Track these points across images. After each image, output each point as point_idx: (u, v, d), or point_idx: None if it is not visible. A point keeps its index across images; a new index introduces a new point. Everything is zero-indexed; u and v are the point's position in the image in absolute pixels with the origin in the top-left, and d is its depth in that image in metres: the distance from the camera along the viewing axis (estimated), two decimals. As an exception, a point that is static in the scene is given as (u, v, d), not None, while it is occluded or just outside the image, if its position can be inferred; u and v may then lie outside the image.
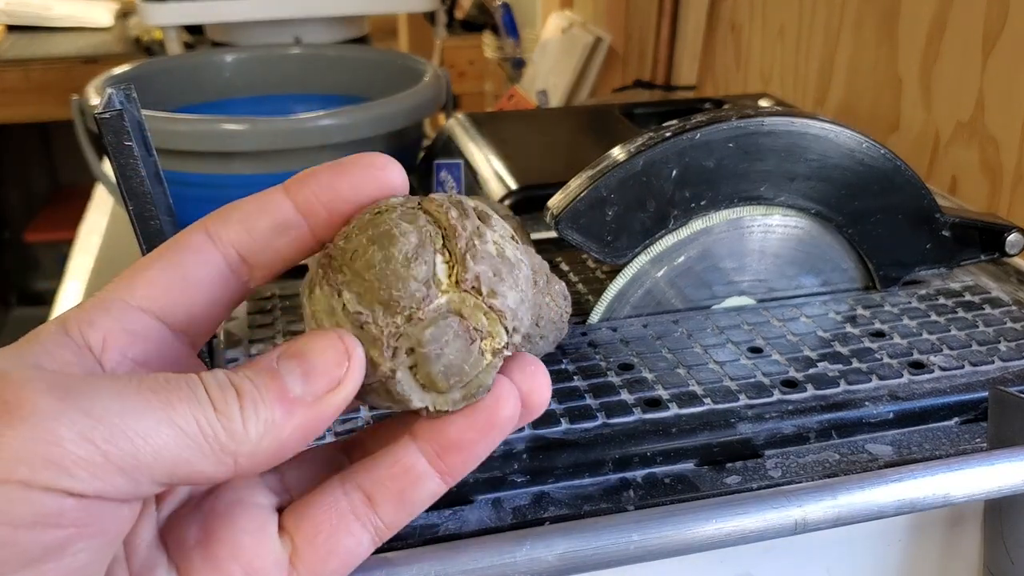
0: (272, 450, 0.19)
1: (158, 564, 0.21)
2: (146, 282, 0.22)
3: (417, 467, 0.21)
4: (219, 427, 0.18)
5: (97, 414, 0.17)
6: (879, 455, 0.34)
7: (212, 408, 0.18)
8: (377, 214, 0.22)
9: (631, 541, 0.27)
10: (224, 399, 0.19)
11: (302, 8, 1.04)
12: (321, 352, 0.20)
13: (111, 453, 0.17)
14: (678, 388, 0.36)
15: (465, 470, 0.22)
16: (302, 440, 0.20)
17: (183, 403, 0.18)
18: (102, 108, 0.29)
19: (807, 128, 0.40)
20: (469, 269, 0.21)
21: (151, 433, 0.17)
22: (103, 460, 0.17)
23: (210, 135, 0.60)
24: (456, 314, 0.21)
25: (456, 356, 0.21)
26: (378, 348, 0.21)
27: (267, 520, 0.22)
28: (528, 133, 0.69)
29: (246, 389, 0.19)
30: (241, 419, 0.19)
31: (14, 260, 2.11)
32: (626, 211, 0.39)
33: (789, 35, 0.84)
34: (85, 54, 1.62)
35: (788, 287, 0.43)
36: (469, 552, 0.26)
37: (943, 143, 0.65)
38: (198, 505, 0.22)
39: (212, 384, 0.19)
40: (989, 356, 0.38)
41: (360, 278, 0.21)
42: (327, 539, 0.21)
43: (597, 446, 0.33)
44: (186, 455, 0.18)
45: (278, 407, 0.19)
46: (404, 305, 0.21)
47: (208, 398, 0.18)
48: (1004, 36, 0.58)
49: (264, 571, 0.21)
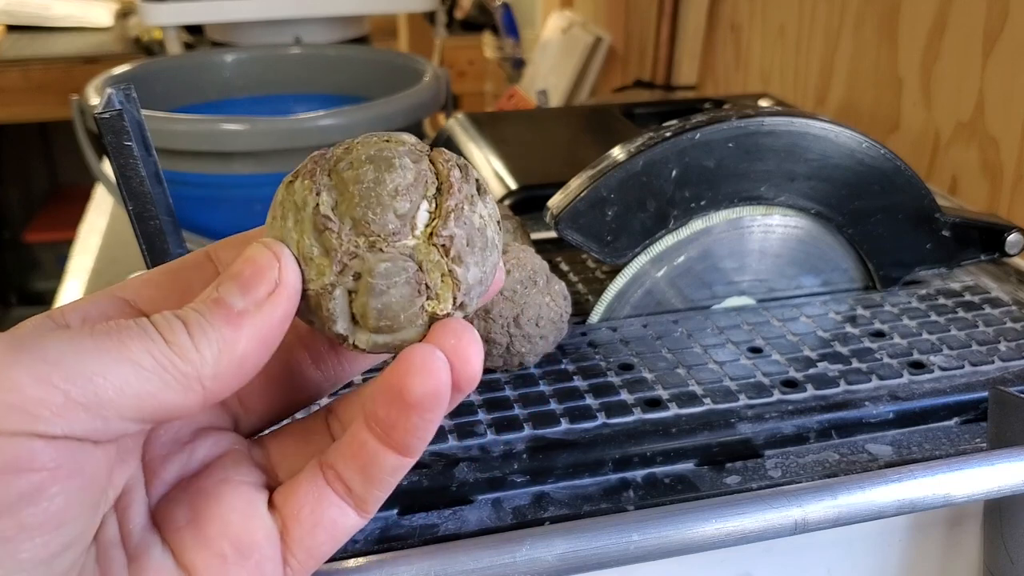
0: (234, 366, 0.20)
1: (152, 545, 0.21)
2: (138, 282, 0.23)
3: (370, 444, 0.21)
4: (173, 356, 0.19)
5: (53, 359, 0.18)
6: (879, 455, 0.34)
7: (163, 340, 0.19)
8: (386, 141, 0.22)
9: (631, 541, 0.27)
10: (172, 329, 0.19)
11: (302, 8, 1.04)
12: (252, 262, 0.20)
13: (71, 392, 0.17)
14: (678, 388, 0.36)
15: (414, 445, 0.21)
16: (260, 348, 0.20)
17: (134, 340, 0.19)
18: (102, 108, 0.29)
19: (807, 128, 0.40)
20: (448, 227, 0.21)
21: (108, 371, 0.18)
22: (64, 399, 0.17)
23: (210, 135, 0.60)
24: (416, 263, 0.21)
25: (397, 300, 0.21)
26: (329, 259, 0.21)
27: (255, 497, 0.22)
28: (528, 133, 0.69)
29: (191, 317, 0.20)
30: (193, 344, 0.19)
31: (14, 260, 2.11)
32: (626, 211, 0.39)
33: (789, 35, 0.84)
34: (85, 54, 1.62)
35: (788, 287, 0.43)
36: (469, 552, 0.26)
37: (943, 143, 0.65)
38: (187, 486, 0.22)
39: (159, 320, 0.19)
40: (989, 356, 0.38)
41: (344, 188, 0.21)
42: (311, 512, 0.22)
43: (597, 446, 0.33)
44: (149, 388, 0.18)
45: (225, 324, 0.20)
46: (373, 230, 0.20)
47: (157, 332, 0.19)
48: (1004, 36, 0.58)
49: (254, 545, 0.21)
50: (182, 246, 0.32)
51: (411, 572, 0.26)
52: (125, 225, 0.72)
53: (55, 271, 2.00)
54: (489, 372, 0.37)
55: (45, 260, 2.08)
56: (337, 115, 0.62)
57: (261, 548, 0.21)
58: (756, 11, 0.90)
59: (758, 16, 0.89)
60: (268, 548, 0.21)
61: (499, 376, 0.36)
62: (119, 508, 0.21)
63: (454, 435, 0.33)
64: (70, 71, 1.57)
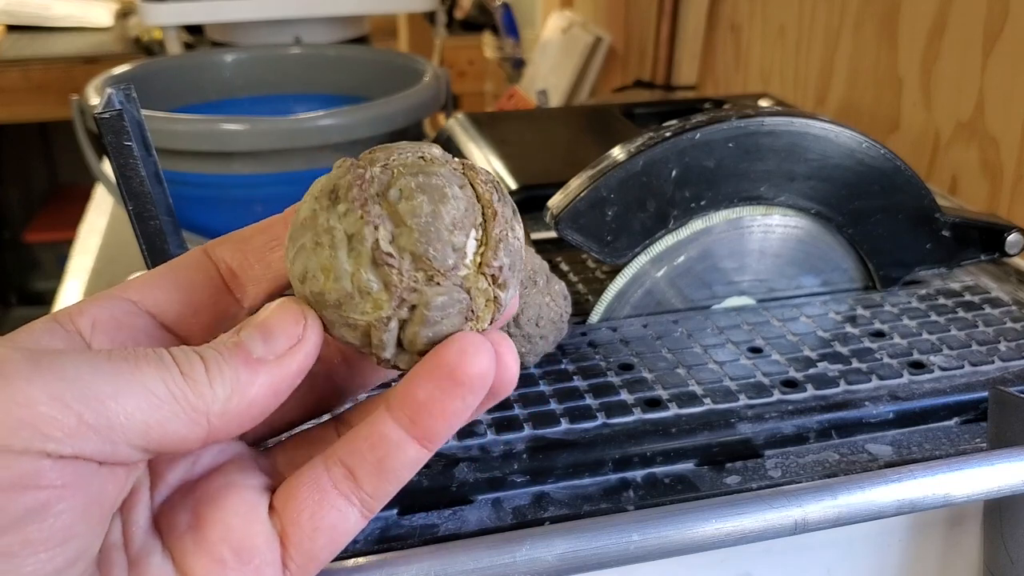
0: (242, 408, 0.20)
1: (153, 550, 0.21)
2: (140, 283, 0.23)
3: (392, 435, 0.21)
4: (187, 388, 0.19)
5: (69, 378, 0.18)
6: (879, 455, 0.34)
7: (179, 371, 0.19)
8: (425, 160, 0.22)
9: (631, 541, 0.27)
10: (189, 363, 0.20)
11: (302, 8, 1.04)
12: (278, 316, 0.21)
13: (84, 414, 0.18)
14: (678, 388, 0.36)
15: (441, 433, 0.21)
16: (270, 396, 0.20)
17: (151, 367, 0.19)
18: (102, 108, 0.29)
19: (807, 128, 0.40)
20: (498, 257, 0.22)
21: (121, 394, 0.18)
22: (76, 421, 0.18)
23: (210, 135, 0.60)
24: (466, 291, 0.21)
25: (448, 328, 0.21)
26: (389, 293, 0.21)
27: (257, 501, 0.22)
28: (528, 133, 0.69)
29: (209, 355, 0.20)
30: (207, 380, 0.20)
31: (14, 260, 2.12)
32: (626, 211, 0.39)
33: (789, 35, 0.84)
34: (85, 54, 1.62)
35: (788, 287, 0.43)
36: (469, 552, 0.26)
37: (943, 143, 0.65)
38: (190, 490, 0.22)
39: (177, 353, 0.20)
40: (989, 356, 0.38)
41: (401, 221, 0.21)
42: (311, 516, 0.22)
43: (597, 446, 0.33)
44: (158, 417, 0.19)
45: (242, 367, 0.20)
46: (433, 266, 0.21)
47: (174, 363, 0.19)
48: (1004, 36, 0.58)
49: (253, 550, 0.21)
50: (182, 246, 0.32)
51: (411, 572, 0.26)
52: (125, 225, 0.72)
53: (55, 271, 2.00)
54: (489, 372, 0.37)
55: (45, 260, 2.08)
56: (337, 115, 0.62)
57: (261, 553, 0.21)
58: (756, 11, 0.90)
59: (758, 16, 0.89)
60: (268, 553, 0.21)
61: None
62: (123, 510, 0.21)
63: (454, 435, 0.33)
64: (70, 71, 1.57)
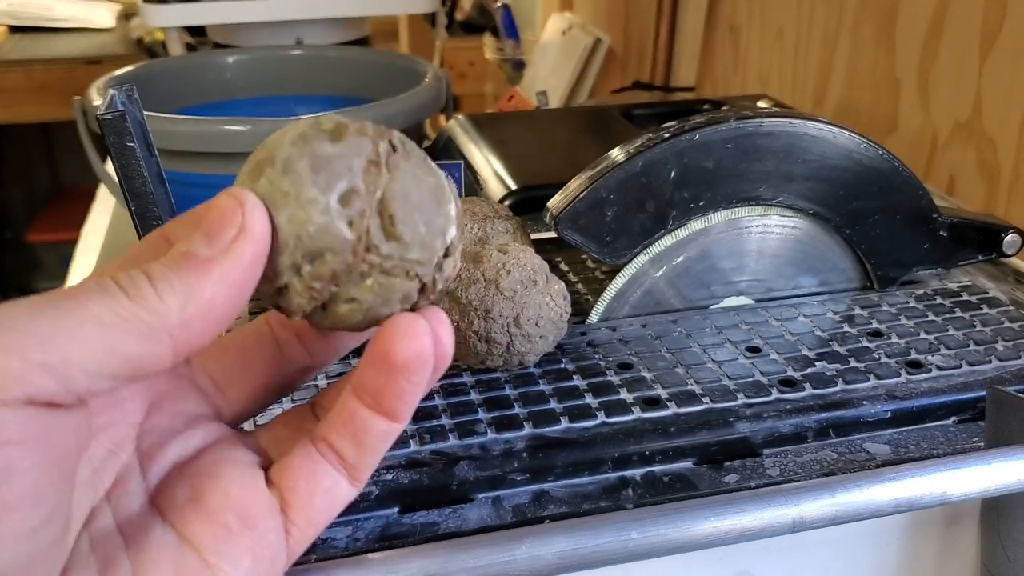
0: (201, 312, 0.19)
1: (152, 525, 0.21)
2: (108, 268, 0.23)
3: (360, 414, 0.22)
4: (136, 307, 0.18)
5: (8, 324, 0.17)
6: (877, 454, 0.34)
7: (124, 295, 0.19)
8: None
9: (630, 539, 0.27)
10: (134, 283, 0.19)
11: (303, 9, 1.04)
12: (214, 210, 0.20)
13: (29, 355, 0.17)
14: (677, 387, 0.36)
15: (402, 410, 0.22)
16: (230, 295, 0.20)
17: (93, 298, 0.18)
18: (104, 109, 0.30)
19: (805, 129, 0.40)
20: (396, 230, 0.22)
21: (68, 331, 0.18)
22: (21, 364, 0.17)
23: (212, 136, 0.60)
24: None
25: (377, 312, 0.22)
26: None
27: (254, 474, 0.23)
28: (528, 134, 0.69)
29: (154, 269, 0.19)
30: (157, 295, 0.19)
31: (16, 260, 2.12)
32: (625, 212, 0.39)
33: (787, 36, 0.84)
34: (87, 55, 1.62)
35: (786, 287, 0.43)
36: (469, 550, 0.27)
37: (941, 144, 0.65)
38: (185, 469, 0.23)
39: (120, 276, 0.19)
40: (986, 356, 0.38)
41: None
42: (307, 483, 0.22)
43: (596, 445, 0.33)
44: (111, 341, 0.18)
45: (191, 272, 0.19)
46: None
47: (118, 287, 0.19)
48: (1001, 37, 0.59)
49: (257, 516, 0.22)
50: (184, 246, 0.32)
51: (412, 570, 0.26)
52: (128, 226, 0.73)
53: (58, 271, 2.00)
54: (489, 371, 0.37)
55: (47, 260, 2.08)
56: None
57: (264, 519, 0.22)
58: (755, 13, 0.90)
59: (756, 18, 0.90)
60: (270, 519, 0.22)
61: (499, 375, 0.37)
62: (112, 498, 0.22)
63: (454, 434, 0.33)
64: (72, 72, 1.57)
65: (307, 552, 0.29)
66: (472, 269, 0.35)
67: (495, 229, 0.41)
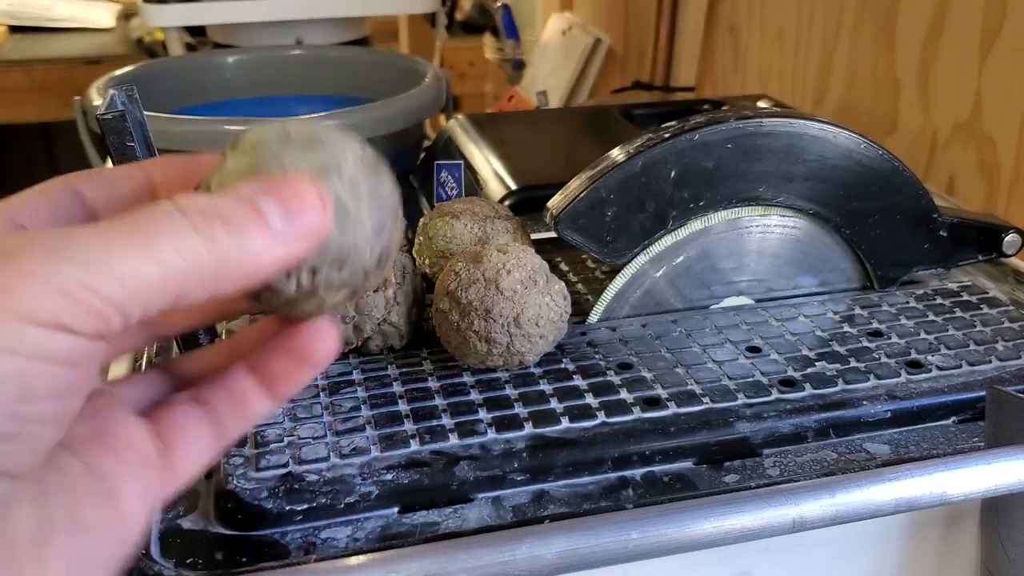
0: (241, 275, 0.20)
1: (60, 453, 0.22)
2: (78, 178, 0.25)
3: (252, 392, 0.24)
4: (206, 254, 0.19)
5: (82, 260, 0.18)
6: (877, 454, 0.34)
7: (200, 240, 0.19)
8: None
9: (630, 539, 0.27)
10: (211, 228, 0.19)
11: (303, 9, 1.04)
12: (295, 191, 0.21)
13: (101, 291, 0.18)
14: (677, 387, 0.36)
15: (291, 393, 0.24)
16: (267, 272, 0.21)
17: (168, 236, 0.19)
18: (104, 109, 0.30)
19: (805, 129, 0.40)
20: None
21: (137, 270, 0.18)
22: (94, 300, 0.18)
23: (212, 136, 0.60)
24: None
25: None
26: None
27: (141, 421, 0.24)
28: (528, 134, 0.69)
29: (232, 217, 0.20)
30: (227, 246, 0.20)
31: (15, 261, 2.11)
32: (625, 212, 0.39)
33: (787, 37, 0.84)
34: (87, 55, 1.62)
35: (786, 287, 0.43)
36: (470, 550, 0.27)
37: (941, 144, 0.65)
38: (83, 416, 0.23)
39: (198, 218, 0.19)
40: (986, 356, 0.38)
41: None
42: (183, 438, 0.24)
43: (596, 445, 0.33)
44: (171, 279, 0.19)
45: (257, 236, 0.20)
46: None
47: (195, 231, 0.19)
48: (1001, 37, 0.59)
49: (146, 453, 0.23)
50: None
51: (412, 570, 0.26)
52: (127, 226, 0.72)
53: (56, 272, 1.99)
54: (489, 371, 0.37)
55: (46, 261, 2.08)
56: (338, 116, 0.62)
57: (148, 454, 0.23)
58: (755, 13, 0.90)
59: (756, 18, 0.90)
60: (153, 456, 0.23)
61: (499, 375, 0.37)
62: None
63: (455, 433, 0.33)
64: (72, 72, 1.57)
65: (307, 552, 0.29)
66: (472, 269, 0.35)
67: (495, 229, 0.41)
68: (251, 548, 0.30)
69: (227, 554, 0.29)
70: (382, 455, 0.32)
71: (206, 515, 0.31)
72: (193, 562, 0.29)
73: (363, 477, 0.31)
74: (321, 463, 0.32)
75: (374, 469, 0.32)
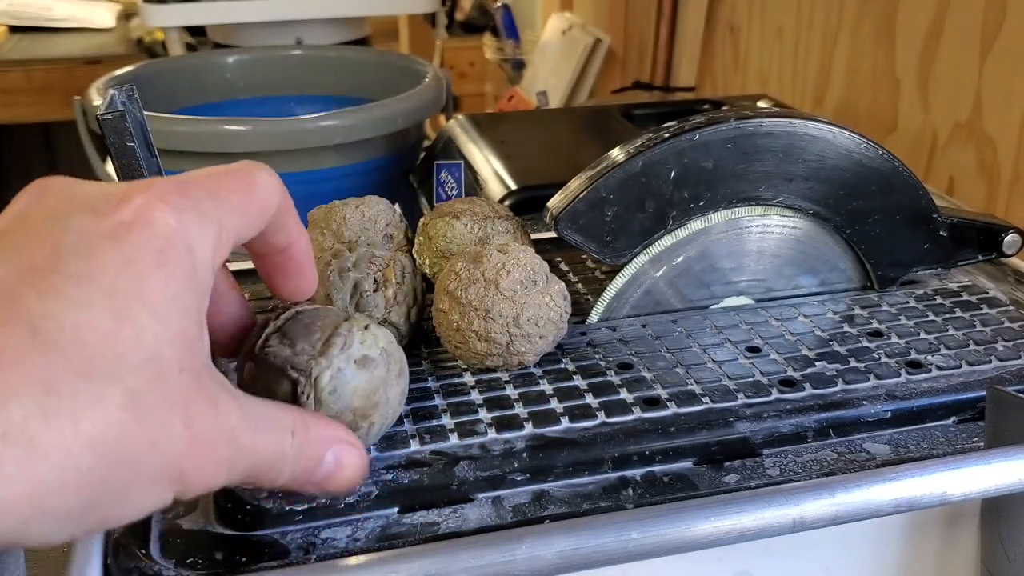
0: (270, 481, 0.25)
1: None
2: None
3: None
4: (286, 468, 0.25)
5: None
6: (877, 454, 0.34)
7: (292, 445, 0.24)
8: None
9: (630, 539, 0.27)
10: (298, 450, 0.25)
11: (303, 10, 1.04)
12: (357, 476, 0.26)
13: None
14: (677, 387, 0.36)
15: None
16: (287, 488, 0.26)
17: (279, 434, 0.24)
18: (104, 109, 0.30)
19: (805, 129, 0.40)
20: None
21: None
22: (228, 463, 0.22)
23: (212, 136, 0.60)
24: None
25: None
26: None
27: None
28: (528, 134, 0.69)
29: (299, 455, 0.25)
30: (295, 468, 0.25)
31: (15, 261, 2.11)
32: (625, 211, 0.39)
33: (787, 36, 0.84)
34: (87, 55, 1.62)
35: (786, 287, 0.43)
36: (469, 550, 0.27)
37: (941, 144, 0.65)
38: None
39: (294, 440, 0.25)
40: (986, 356, 0.38)
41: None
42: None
43: (596, 445, 0.33)
44: (257, 466, 0.23)
45: (306, 481, 0.25)
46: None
47: (291, 442, 0.24)
48: (1001, 37, 0.59)
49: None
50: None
51: (412, 570, 0.26)
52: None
53: (56, 272, 1.99)
54: (489, 371, 0.37)
55: (46, 261, 2.08)
56: (338, 116, 0.62)
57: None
58: (754, 12, 0.90)
59: (756, 17, 0.90)
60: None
61: (499, 375, 0.37)
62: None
63: (455, 433, 0.33)
64: (72, 72, 1.57)
65: (307, 552, 0.29)
66: (472, 269, 0.35)
67: (495, 229, 0.41)
68: (251, 548, 0.30)
69: (227, 554, 0.29)
70: (382, 455, 0.32)
71: (206, 515, 0.31)
72: (193, 562, 0.29)
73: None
74: (321, 463, 0.32)
75: (374, 469, 0.32)
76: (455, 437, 0.33)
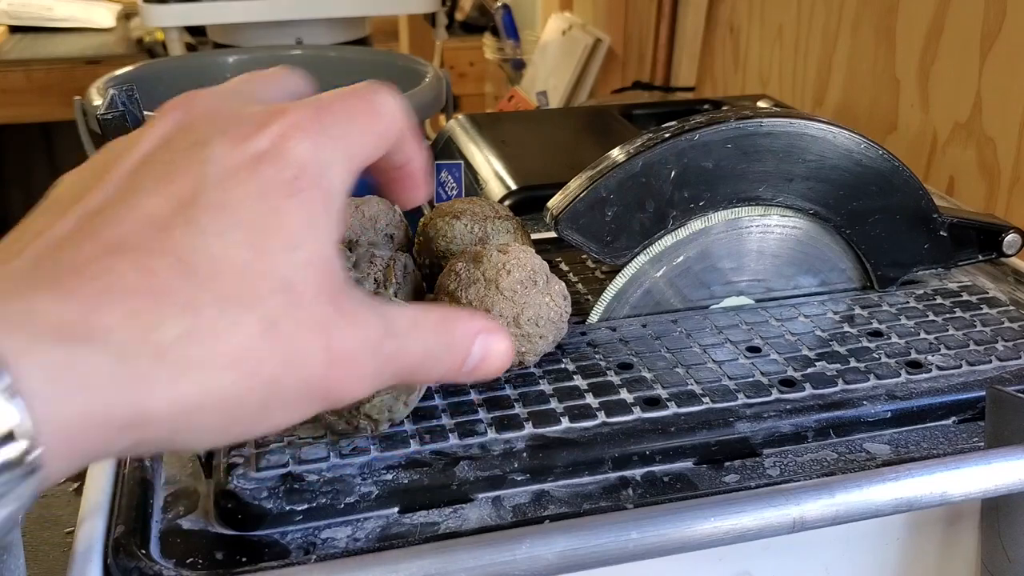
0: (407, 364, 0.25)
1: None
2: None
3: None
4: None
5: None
6: (877, 454, 0.34)
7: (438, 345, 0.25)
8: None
9: (630, 539, 0.27)
10: (445, 348, 0.25)
11: (303, 9, 1.04)
12: (501, 356, 0.26)
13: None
14: (677, 387, 0.36)
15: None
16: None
17: (424, 337, 0.24)
18: (104, 109, 0.30)
19: (805, 129, 0.40)
20: None
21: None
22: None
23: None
24: None
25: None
26: None
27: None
28: (528, 134, 0.69)
29: (447, 352, 0.25)
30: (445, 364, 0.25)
31: (15, 261, 2.11)
32: (625, 211, 0.39)
33: (787, 36, 0.84)
34: (87, 55, 1.62)
35: (786, 287, 0.43)
36: (469, 550, 0.27)
37: (941, 144, 0.65)
38: None
39: (440, 339, 0.25)
40: (986, 356, 0.38)
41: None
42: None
43: (596, 445, 0.33)
44: (406, 368, 0.24)
45: (457, 374, 0.25)
46: None
47: (437, 341, 0.25)
48: (1001, 37, 0.59)
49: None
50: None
51: (412, 570, 0.26)
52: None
53: (56, 272, 1.99)
54: (489, 371, 0.37)
55: (46, 261, 2.08)
56: (338, 116, 0.62)
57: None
58: (754, 12, 0.90)
59: (756, 17, 0.90)
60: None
61: (499, 375, 0.37)
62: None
63: (455, 433, 0.33)
64: (72, 72, 1.57)
65: (307, 552, 0.29)
66: (472, 269, 0.35)
67: (495, 229, 0.41)
68: (251, 548, 0.30)
69: (227, 554, 0.29)
70: (382, 455, 0.32)
71: (206, 515, 0.31)
72: (193, 562, 0.29)
73: (363, 477, 0.31)
74: (321, 463, 0.32)
75: (374, 469, 0.32)
76: (455, 437, 0.33)
